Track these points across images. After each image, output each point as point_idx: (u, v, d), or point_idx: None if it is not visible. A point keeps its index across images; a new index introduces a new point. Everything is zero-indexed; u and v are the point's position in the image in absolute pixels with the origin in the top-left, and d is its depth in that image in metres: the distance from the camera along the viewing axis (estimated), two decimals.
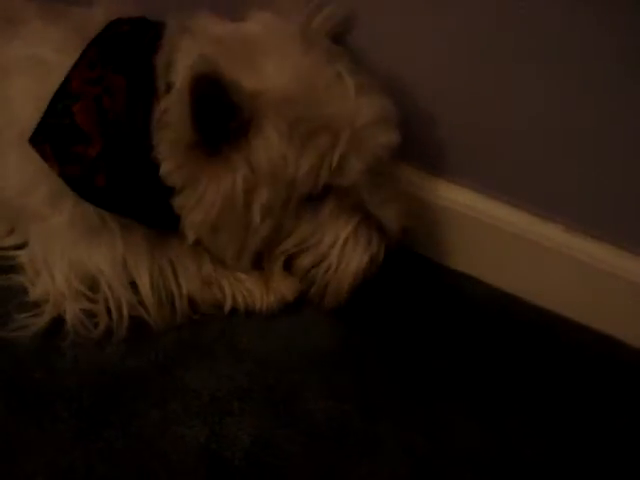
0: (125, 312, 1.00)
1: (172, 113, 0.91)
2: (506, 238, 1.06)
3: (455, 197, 1.09)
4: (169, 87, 0.93)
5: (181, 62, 0.93)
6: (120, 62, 0.95)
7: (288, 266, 1.02)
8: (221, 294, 1.04)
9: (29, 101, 0.98)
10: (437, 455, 0.93)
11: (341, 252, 0.97)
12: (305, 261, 1.00)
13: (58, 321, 1.01)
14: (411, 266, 1.13)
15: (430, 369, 1.01)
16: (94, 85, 0.94)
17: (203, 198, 0.93)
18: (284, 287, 1.03)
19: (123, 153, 0.94)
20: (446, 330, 1.06)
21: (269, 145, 0.90)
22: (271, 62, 0.91)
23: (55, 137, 0.94)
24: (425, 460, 0.92)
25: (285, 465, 0.91)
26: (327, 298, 1.00)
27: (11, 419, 0.92)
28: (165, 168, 0.93)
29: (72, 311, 1.00)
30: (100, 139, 0.93)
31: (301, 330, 1.04)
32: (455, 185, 1.09)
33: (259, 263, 1.03)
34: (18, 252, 1.04)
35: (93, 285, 1.00)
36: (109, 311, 1.00)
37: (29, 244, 1.04)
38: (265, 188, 0.92)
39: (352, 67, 0.94)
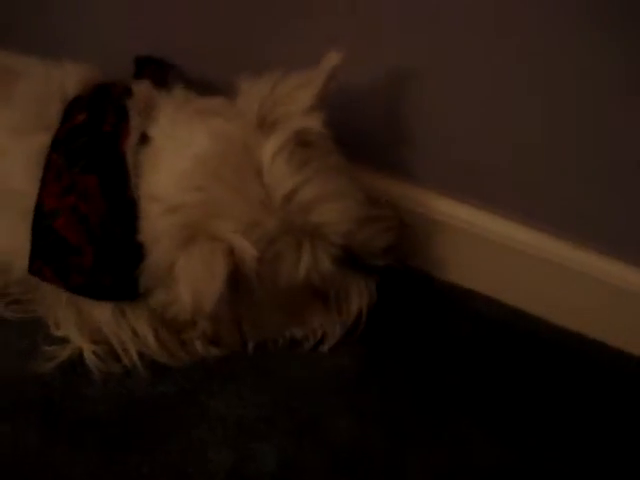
0: (135, 356, 1.01)
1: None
2: (521, 257, 1.08)
3: (464, 216, 1.10)
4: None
5: (148, 175, 0.94)
6: (87, 160, 0.94)
7: None
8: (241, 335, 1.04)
9: None
10: (460, 474, 0.93)
11: (337, 302, 1.02)
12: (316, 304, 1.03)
13: None
14: (427, 287, 1.14)
15: (452, 388, 1.02)
16: (67, 195, 0.93)
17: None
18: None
19: (117, 251, 0.94)
20: (465, 349, 1.07)
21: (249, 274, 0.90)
22: (229, 194, 0.90)
23: (50, 258, 0.95)
24: (449, 479, 0.93)
25: None
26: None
27: (42, 446, 0.94)
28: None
29: (89, 354, 1.02)
30: (90, 247, 0.93)
31: (324, 353, 1.04)
32: (464, 204, 1.10)
33: None
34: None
35: (102, 334, 1.02)
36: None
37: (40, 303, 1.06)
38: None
39: (322, 168, 0.93)
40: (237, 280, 0.89)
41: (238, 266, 0.88)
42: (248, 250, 0.87)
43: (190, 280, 0.86)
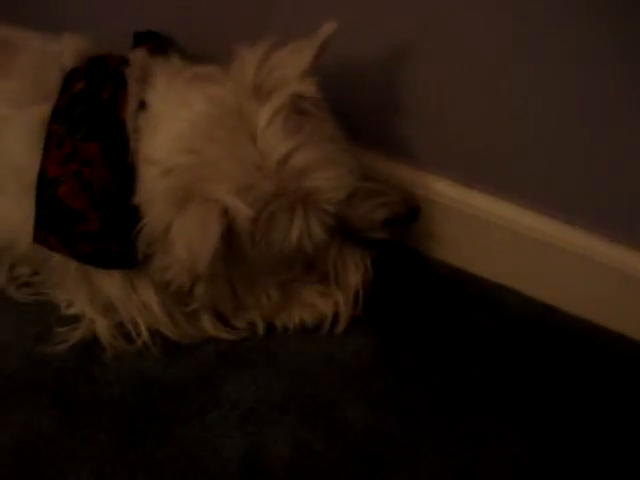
0: (144, 332, 1.02)
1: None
2: (540, 247, 1.07)
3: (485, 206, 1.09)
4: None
5: (147, 140, 0.94)
6: (87, 127, 0.94)
7: None
8: (251, 316, 1.04)
9: None
10: (477, 465, 0.93)
11: (335, 277, 1.02)
12: (313, 279, 1.03)
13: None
14: (446, 277, 1.14)
15: (469, 378, 1.02)
16: (70, 162, 0.93)
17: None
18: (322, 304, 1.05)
19: (122, 216, 0.94)
20: (484, 339, 1.06)
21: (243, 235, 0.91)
22: (225, 158, 0.90)
23: (55, 226, 0.94)
24: (465, 470, 0.93)
25: (325, 474, 0.92)
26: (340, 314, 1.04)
27: (56, 430, 0.95)
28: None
29: (102, 329, 1.02)
30: (95, 212, 0.93)
31: (339, 339, 1.04)
32: (485, 194, 1.09)
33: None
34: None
35: (113, 308, 1.02)
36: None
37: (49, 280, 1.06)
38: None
39: (316, 135, 0.93)
40: (230, 240, 0.89)
41: (232, 226, 0.88)
42: (243, 210, 0.88)
43: (185, 240, 0.87)
